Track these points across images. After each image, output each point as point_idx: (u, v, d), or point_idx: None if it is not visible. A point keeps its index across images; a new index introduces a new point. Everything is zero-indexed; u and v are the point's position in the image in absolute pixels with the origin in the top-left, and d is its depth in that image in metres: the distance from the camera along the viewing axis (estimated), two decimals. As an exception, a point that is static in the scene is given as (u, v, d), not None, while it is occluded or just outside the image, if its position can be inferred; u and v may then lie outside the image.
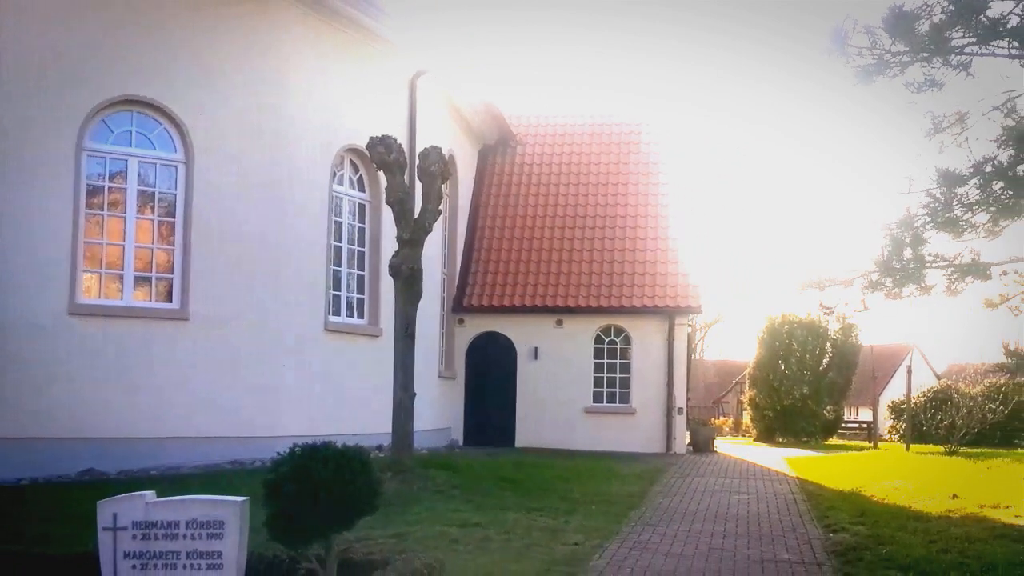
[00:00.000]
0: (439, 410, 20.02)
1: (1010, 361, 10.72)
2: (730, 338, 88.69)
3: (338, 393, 15.90)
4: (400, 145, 13.32)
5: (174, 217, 14.17)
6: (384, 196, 13.96)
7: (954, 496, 12.59)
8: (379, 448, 14.25)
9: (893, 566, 8.36)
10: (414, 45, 17.58)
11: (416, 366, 13.36)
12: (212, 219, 14.31)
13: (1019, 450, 23.96)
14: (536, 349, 21.61)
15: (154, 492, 5.86)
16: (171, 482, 11.18)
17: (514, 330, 21.83)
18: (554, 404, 21.29)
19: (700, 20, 78.72)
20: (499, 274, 22.33)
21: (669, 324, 21.38)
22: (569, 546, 9.12)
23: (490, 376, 21.70)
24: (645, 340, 21.51)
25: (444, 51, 18.60)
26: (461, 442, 21.26)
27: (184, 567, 5.63)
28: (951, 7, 10.04)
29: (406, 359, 13.05)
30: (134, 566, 5.64)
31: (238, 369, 14.43)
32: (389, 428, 13.15)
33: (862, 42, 10.30)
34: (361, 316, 17.15)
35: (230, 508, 5.70)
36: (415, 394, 13.15)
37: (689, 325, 26.13)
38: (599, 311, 21.58)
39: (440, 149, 13.66)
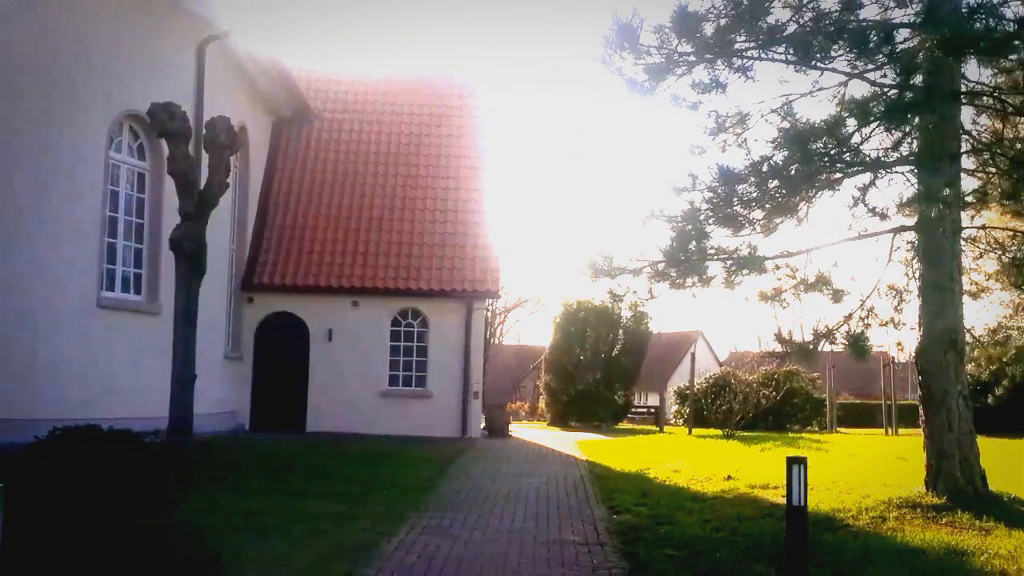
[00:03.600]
0: (224, 393, 19.17)
1: (781, 348, 11.29)
2: (530, 322, 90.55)
3: (112, 374, 14.89)
4: (184, 113, 12.63)
5: (-76, 179, 12.82)
6: (167, 166, 13.14)
7: (728, 477, 13.28)
8: (155, 432, 13.44)
9: (670, 544, 8.69)
10: (205, 9, 16.64)
11: (199, 346, 12.71)
12: (-31, 183, 13.03)
13: (789, 434, 25.67)
14: (331, 331, 21.09)
15: None
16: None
17: (308, 310, 21.21)
18: (348, 387, 20.85)
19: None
20: (293, 252, 21.58)
21: (467, 308, 21.38)
22: (357, 532, 8.95)
23: (281, 358, 20.96)
24: (443, 323, 21.44)
25: (237, 17, 17.72)
26: (247, 426, 20.46)
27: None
28: (733, 11, 10.40)
29: (187, 338, 12.40)
30: None
31: (-3, 347, 13.21)
32: (167, 412, 12.43)
33: (651, 40, 10.51)
34: (139, 292, 16.12)
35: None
36: (196, 376, 12.51)
37: (488, 309, 26.35)
38: (396, 293, 21.30)
39: (229, 119, 13.04)
